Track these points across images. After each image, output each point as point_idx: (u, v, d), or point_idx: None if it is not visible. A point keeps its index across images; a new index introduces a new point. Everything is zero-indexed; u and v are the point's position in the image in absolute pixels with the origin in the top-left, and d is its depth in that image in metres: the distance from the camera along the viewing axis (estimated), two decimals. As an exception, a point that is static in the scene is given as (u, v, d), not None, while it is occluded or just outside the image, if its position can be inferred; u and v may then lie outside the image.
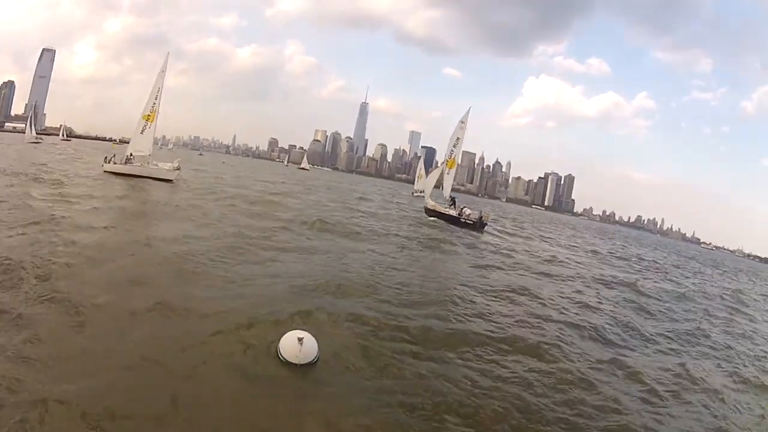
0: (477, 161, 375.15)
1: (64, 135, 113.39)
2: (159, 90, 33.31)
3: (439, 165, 39.52)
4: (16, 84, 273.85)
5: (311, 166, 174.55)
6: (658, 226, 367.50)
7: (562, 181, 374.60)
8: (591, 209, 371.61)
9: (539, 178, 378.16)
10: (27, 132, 78.16)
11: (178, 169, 33.99)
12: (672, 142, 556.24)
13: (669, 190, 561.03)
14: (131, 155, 33.26)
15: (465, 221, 32.59)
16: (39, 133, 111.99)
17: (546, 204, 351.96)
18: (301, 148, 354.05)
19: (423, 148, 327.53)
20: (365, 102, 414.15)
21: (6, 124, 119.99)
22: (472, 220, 32.79)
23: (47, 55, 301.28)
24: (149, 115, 33.19)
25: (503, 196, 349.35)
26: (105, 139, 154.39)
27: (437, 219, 33.94)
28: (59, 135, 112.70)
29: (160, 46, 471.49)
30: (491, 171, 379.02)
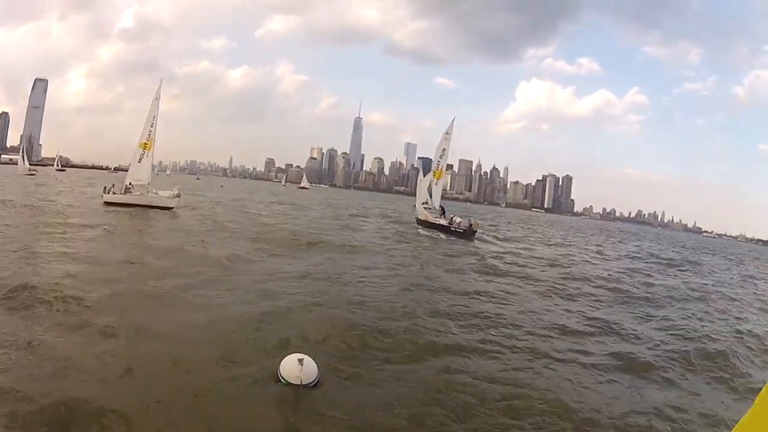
0: (474, 168, 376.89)
1: (58, 165, 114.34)
2: (154, 117, 33.22)
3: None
4: (10, 115, 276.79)
5: (310, 184, 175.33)
6: (658, 219, 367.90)
7: (560, 183, 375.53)
8: (591, 208, 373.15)
9: (537, 180, 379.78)
10: (20, 164, 77.61)
11: (178, 197, 33.81)
12: (666, 135, 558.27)
13: (667, 182, 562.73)
14: (130, 184, 33.04)
15: (455, 230, 33.11)
16: (35, 164, 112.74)
17: (546, 206, 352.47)
18: (298, 166, 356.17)
19: (419, 159, 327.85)
20: (359, 117, 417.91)
21: (2, 156, 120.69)
22: (462, 228, 33.22)
23: (40, 85, 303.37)
24: (146, 143, 33.08)
25: (502, 201, 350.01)
26: (101, 168, 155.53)
27: (429, 229, 34.63)
28: (54, 165, 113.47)
29: (151, 71, 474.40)
30: (489, 177, 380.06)
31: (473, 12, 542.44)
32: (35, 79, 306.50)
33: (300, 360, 6.86)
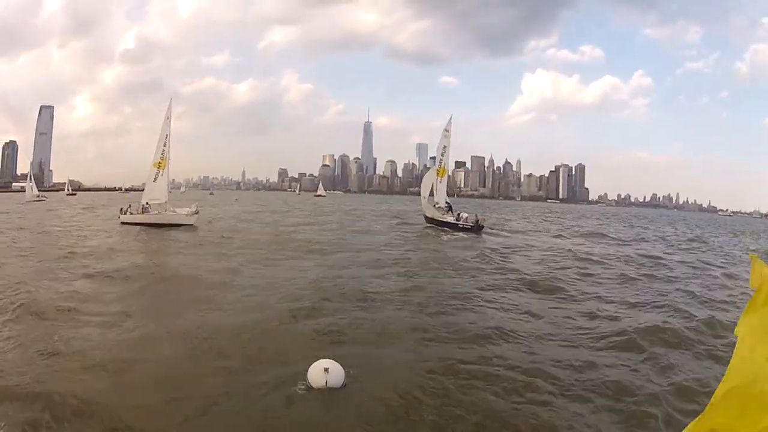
0: (486, 164, 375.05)
1: (69, 189, 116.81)
2: (167, 136, 33.68)
3: (449, 172, 39.90)
4: (18, 144, 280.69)
5: (325, 191, 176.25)
6: (673, 201, 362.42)
7: (573, 172, 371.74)
8: (606, 195, 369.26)
9: (550, 172, 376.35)
10: (27, 190, 74.81)
11: (196, 213, 34.12)
12: (673, 116, 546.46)
13: (678, 163, 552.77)
14: (147, 204, 33.33)
15: (463, 226, 33.34)
16: (47, 190, 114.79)
17: (561, 197, 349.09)
18: (311, 175, 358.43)
19: (431, 158, 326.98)
20: (368, 121, 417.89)
21: (14, 184, 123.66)
22: (470, 223, 33.43)
23: (46, 112, 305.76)
24: (160, 162, 33.49)
25: (517, 195, 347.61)
26: (114, 189, 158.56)
27: (437, 227, 35.13)
28: (65, 190, 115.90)
29: (155, 91, 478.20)
30: (502, 172, 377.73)
31: (470, 9, 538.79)
32: (41, 106, 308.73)
33: (326, 369, 6.93)
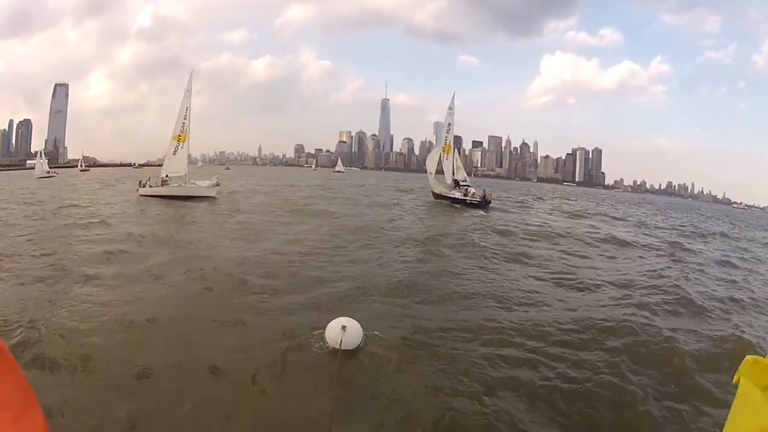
0: (504, 145, 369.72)
1: (82, 165, 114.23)
2: (187, 109, 34.26)
3: (466, 152, 40.35)
4: (33, 123, 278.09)
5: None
6: (689, 190, 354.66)
7: (590, 156, 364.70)
8: (622, 180, 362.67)
9: (567, 154, 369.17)
10: (37, 167, 72.74)
11: (217, 185, 34.79)
12: (692, 104, 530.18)
13: (695, 153, 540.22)
14: (167, 176, 33.80)
15: (470, 201, 33.69)
16: (60, 167, 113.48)
17: (577, 180, 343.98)
18: (328, 151, 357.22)
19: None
20: (386, 98, 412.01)
21: (28, 162, 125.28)
22: (477, 198, 33.78)
23: (61, 90, 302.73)
24: (180, 136, 34.06)
25: (534, 176, 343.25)
26: (128, 165, 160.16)
27: (446, 201, 35.70)
28: (78, 166, 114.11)
29: (172, 69, 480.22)
30: (519, 153, 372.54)
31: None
32: (55, 85, 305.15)
33: (344, 327, 7.18)
